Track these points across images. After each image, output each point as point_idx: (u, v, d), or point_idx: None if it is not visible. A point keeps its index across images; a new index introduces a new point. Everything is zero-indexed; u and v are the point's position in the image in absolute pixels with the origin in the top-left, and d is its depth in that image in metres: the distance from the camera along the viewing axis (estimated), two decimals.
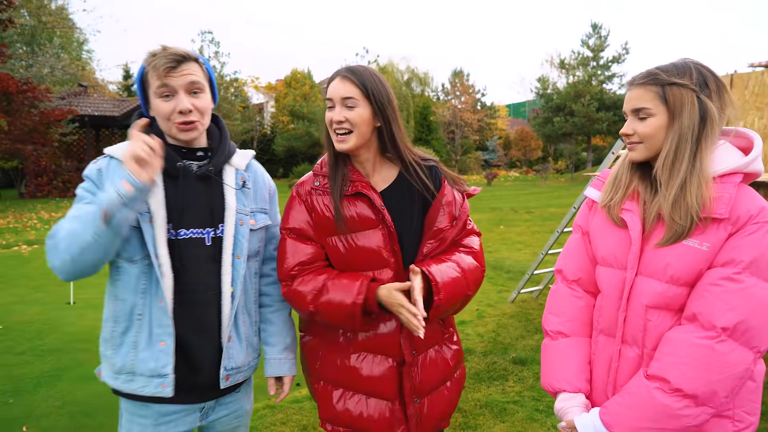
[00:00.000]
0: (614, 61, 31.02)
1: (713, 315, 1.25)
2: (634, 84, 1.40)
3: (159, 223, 1.50)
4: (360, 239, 1.58)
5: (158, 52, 1.52)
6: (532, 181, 29.00)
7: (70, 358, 4.05)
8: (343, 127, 1.57)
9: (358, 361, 1.62)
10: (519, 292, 5.58)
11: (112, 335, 1.56)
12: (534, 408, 3.24)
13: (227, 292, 1.60)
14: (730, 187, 1.29)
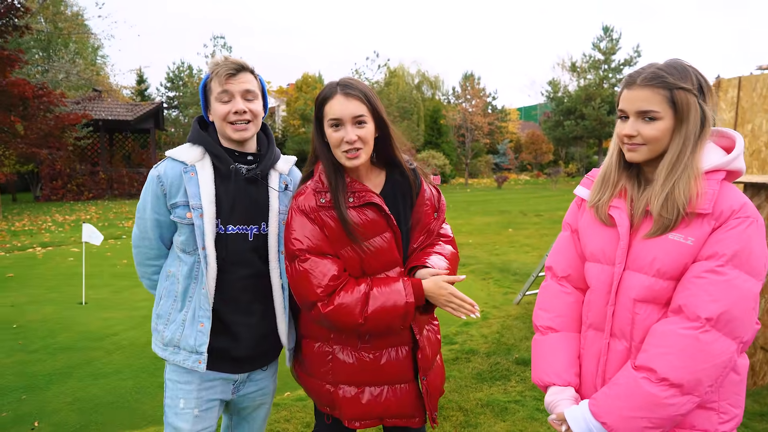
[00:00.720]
0: (626, 64, 30.85)
1: (697, 306, 1.28)
2: (638, 84, 1.38)
3: (208, 219, 1.70)
4: (374, 245, 1.65)
5: (221, 61, 1.73)
6: (542, 184, 28.87)
7: (81, 356, 4.15)
8: (356, 146, 1.59)
9: (381, 357, 1.71)
10: (524, 294, 5.59)
11: (169, 311, 1.78)
12: (535, 407, 3.26)
13: (277, 284, 1.81)
14: (713, 183, 1.33)
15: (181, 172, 1.74)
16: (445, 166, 29.72)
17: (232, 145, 1.80)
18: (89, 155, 21.92)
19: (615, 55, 31.02)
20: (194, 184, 1.72)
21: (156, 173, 1.76)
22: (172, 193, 1.73)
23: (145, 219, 1.79)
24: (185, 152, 1.77)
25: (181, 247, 1.75)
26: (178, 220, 1.74)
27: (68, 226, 12.48)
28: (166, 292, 1.80)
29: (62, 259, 8.40)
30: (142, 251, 1.86)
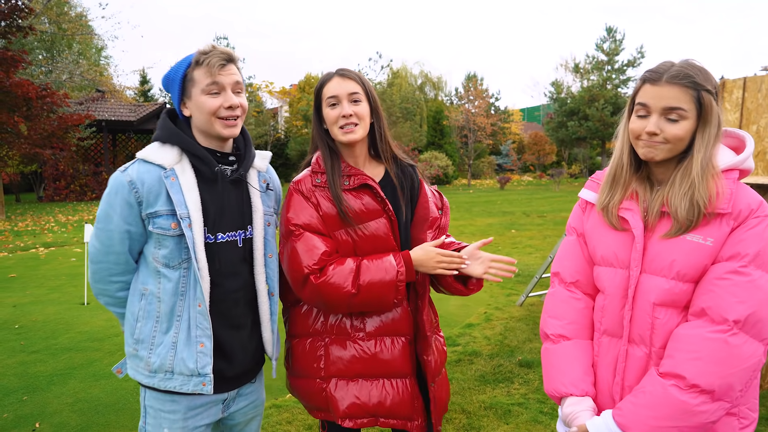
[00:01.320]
0: (629, 65, 30.75)
1: (723, 308, 1.25)
2: (665, 81, 1.33)
3: (197, 228, 1.55)
4: (368, 229, 1.67)
5: (209, 50, 1.56)
6: (545, 185, 28.82)
7: (82, 357, 4.14)
8: (352, 120, 1.67)
9: (376, 346, 1.69)
10: (527, 296, 5.56)
11: (151, 334, 1.60)
12: (539, 410, 3.23)
13: (263, 291, 1.71)
14: (729, 182, 1.33)
15: (161, 177, 1.55)
16: (448, 167, 29.68)
17: (212, 144, 1.64)
18: (92, 156, 21.99)
19: (618, 56, 30.92)
20: (177, 191, 1.55)
21: (126, 178, 1.54)
22: (150, 202, 1.54)
23: (110, 231, 1.57)
24: (160, 154, 1.59)
25: (164, 261, 1.57)
26: (160, 232, 1.55)
27: (71, 227, 12.51)
28: (144, 314, 1.60)
29: (65, 260, 8.41)
30: (104, 267, 1.63)
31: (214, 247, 1.61)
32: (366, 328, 1.70)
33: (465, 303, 5.73)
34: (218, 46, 1.59)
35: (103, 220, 1.59)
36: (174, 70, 1.61)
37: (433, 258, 1.66)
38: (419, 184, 1.83)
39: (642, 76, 1.40)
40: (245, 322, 1.70)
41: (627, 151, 1.46)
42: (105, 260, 1.62)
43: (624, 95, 30.34)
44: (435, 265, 1.66)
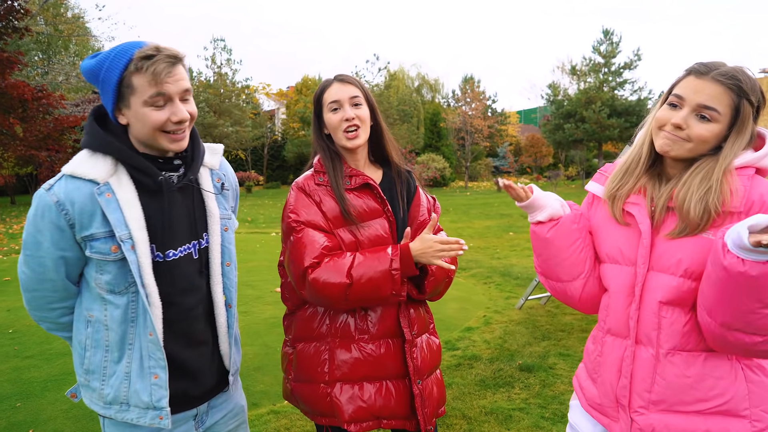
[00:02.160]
0: (626, 67, 30.84)
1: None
2: (711, 77, 1.27)
3: (142, 250, 1.37)
4: (369, 228, 1.69)
5: (153, 53, 1.32)
6: (542, 187, 28.79)
7: None
8: (354, 124, 1.69)
9: (380, 348, 1.69)
10: (527, 299, 5.53)
11: (102, 365, 1.45)
12: (540, 415, 3.20)
13: (220, 302, 1.56)
14: (744, 179, 1.28)
15: (93, 194, 1.35)
16: (445, 169, 29.69)
17: (152, 150, 1.43)
18: None
19: (615, 58, 30.99)
20: (115, 209, 1.35)
21: (53, 198, 1.34)
22: (83, 224, 1.35)
23: (41, 257, 1.38)
24: (90, 166, 1.37)
25: (108, 287, 1.40)
26: (99, 257, 1.37)
27: None
28: (92, 342, 1.45)
29: None
30: (40, 295, 1.45)
31: (164, 266, 1.43)
32: (370, 329, 1.69)
33: (464, 306, 5.70)
34: (162, 45, 1.35)
35: (31, 246, 1.39)
36: (106, 69, 1.34)
37: (432, 246, 1.62)
38: (415, 188, 1.86)
39: (689, 68, 1.33)
40: (206, 337, 1.56)
41: (648, 142, 1.41)
42: (40, 288, 1.45)
43: (621, 97, 30.44)
44: (435, 253, 1.62)
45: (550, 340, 4.55)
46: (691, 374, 1.30)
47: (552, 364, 4.01)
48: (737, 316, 1.18)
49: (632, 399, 1.37)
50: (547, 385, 3.65)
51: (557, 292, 1.56)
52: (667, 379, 1.32)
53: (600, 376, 1.46)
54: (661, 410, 1.34)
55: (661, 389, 1.33)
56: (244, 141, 28.96)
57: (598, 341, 1.49)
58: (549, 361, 4.08)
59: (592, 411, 1.51)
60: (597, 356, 1.48)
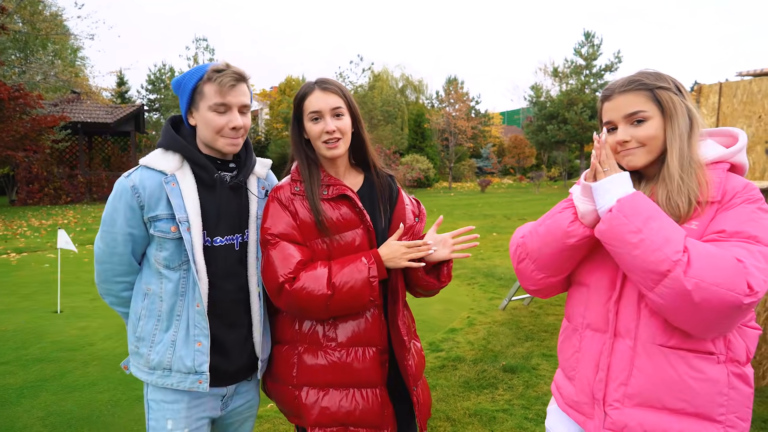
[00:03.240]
0: (607, 69, 31.24)
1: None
2: (616, 92, 1.39)
3: (196, 232, 1.62)
4: (344, 239, 1.68)
5: (223, 68, 1.61)
6: (525, 188, 29.08)
7: (54, 368, 4.00)
8: (335, 136, 1.67)
9: (347, 356, 1.68)
10: (510, 300, 5.56)
11: (152, 332, 1.66)
12: (523, 416, 3.21)
13: (255, 293, 1.75)
14: (719, 172, 1.34)
15: (162, 183, 1.62)
16: (429, 170, 29.75)
17: (213, 152, 1.71)
18: (67, 158, 21.50)
19: (596, 60, 31.39)
20: (177, 195, 1.62)
21: (130, 183, 1.62)
22: (151, 206, 1.62)
23: (114, 233, 1.65)
24: (161, 160, 1.66)
25: (164, 263, 1.64)
26: (160, 235, 1.62)
27: (44, 231, 12.19)
28: (147, 312, 1.68)
29: (37, 266, 8.18)
30: (109, 267, 1.71)
31: (212, 251, 1.66)
32: (338, 337, 1.69)
33: (447, 308, 5.71)
34: (232, 64, 1.64)
35: (108, 222, 1.66)
36: (187, 78, 1.66)
37: (398, 250, 1.66)
38: (397, 192, 1.85)
39: (599, 99, 1.45)
40: (241, 322, 1.74)
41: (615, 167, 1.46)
42: (109, 261, 1.69)
43: None
44: (402, 256, 1.66)
45: (534, 341, 4.58)
46: (672, 372, 1.30)
47: (535, 365, 4.03)
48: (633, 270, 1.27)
49: (607, 392, 1.38)
50: (531, 386, 3.66)
51: (526, 276, 1.53)
52: (645, 372, 1.32)
53: (577, 373, 1.47)
54: (635, 404, 1.34)
55: (638, 382, 1.33)
56: None
57: (574, 338, 1.50)
58: (532, 361, 4.10)
59: (569, 410, 1.51)
60: (574, 353, 1.49)
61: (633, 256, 1.24)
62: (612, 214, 1.28)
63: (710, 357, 1.30)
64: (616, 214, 1.27)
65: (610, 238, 1.29)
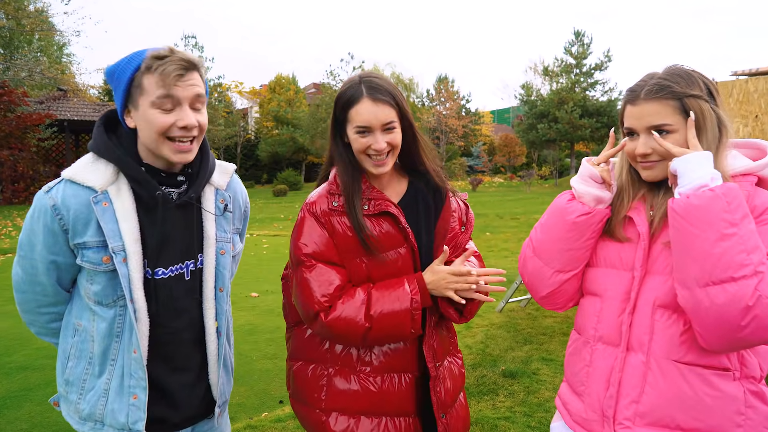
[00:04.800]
0: (597, 68, 31.36)
1: None
2: (642, 98, 1.29)
3: (134, 263, 1.34)
4: (387, 258, 1.52)
5: (165, 54, 1.30)
6: (516, 187, 29.13)
7: (39, 377, 3.86)
8: (384, 152, 1.49)
9: (383, 383, 1.54)
10: (507, 302, 5.49)
11: (82, 378, 1.42)
12: (526, 424, 3.13)
13: (211, 329, 1.49)
14: (747, 185, 1.26)
15: (90, 202, 1.32)
16: None
17: (158, 162, 1.39)
18: (54, 157, 21.18)
19: (586, 59, 31.48)
20: (111, 219, 1.32)
21: (49, 202, 1.33)
22: (77, 230, 1.33)
23: (34, 260, 1.38)
24: (91, 173, 1.34)
25: (96, 298, 1.37)
26: (89, 266, 1.35)
27: None
28: (76, 352, 1.42)
29: None
30: (31, 297, 1.44)
31: (153, 284, 1.39)
32: (373, 362, 1.55)
33: None
34: (177, 49, 1.33)
35: (25, 247, 1.39)
36: (121, 68, 1.33)
37: (443, 278, 1.48)
38: (445, 196, 1.64)
39: (623, 98, 1.35)
40: (191, 364, 1.50)
41: (626, 170, 1.41)
42: (31, 290, 1.44)
43: (592, 98, 30.94)
44: (446, 285, 1.48)
45: (532, 344, 4.51)
46: (687, 389, 1.24)
47: (535, 370, 3.95)
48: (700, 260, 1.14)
49: (618, 410, 1.31)
50: (532, 392, 3.59)
51: (536, 276, 1.46)
52: (658, 389, 1.26)
53: (587, 388, 1.39)
54: (647, 423, 1.27)
55: (650, 400, 1.26)
56: (217, 140, 28.47)
57: (585, 351, 1.42)
58: (532, 366, 4.02)
59: (577, 427, 1.43)
60: (585, 366, 1.41)
61: (714, 245, 1.12)
62: (714, 193, 1.13)
63: (726, 373, 1.23)
64: (719, 195, 1.13)
65: (697, 215, 1.14)
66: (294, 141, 30.27)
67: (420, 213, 1.60)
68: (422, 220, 1.60)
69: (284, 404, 3.36)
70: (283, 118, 30.63)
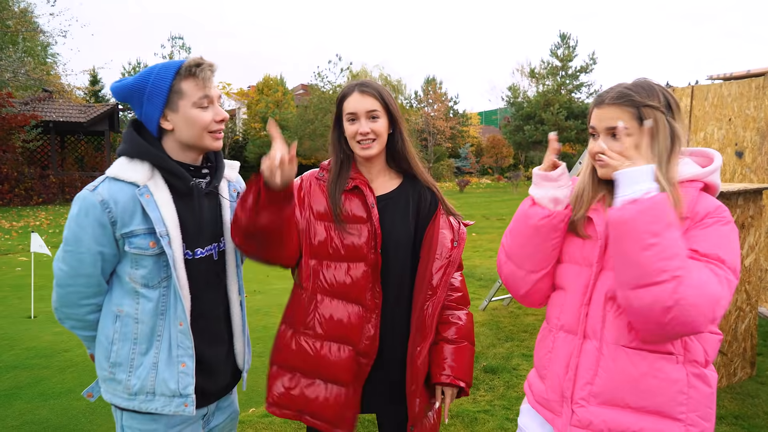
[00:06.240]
0: (582, 71, 31.75)
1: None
2: (605, 102, 1.42)
3: (177, 245, 1.53)
4: (347, 231, 1.70)
5: (200, 62, 1.54)
6: (503, 188, 29.35)
7: (29, 375, 3.91)
8: (369, 137, 1.71)
9: (321, 348, 1.69)
10: (490, 300, 5.62)
11: (129, 357, 1.56)
12: (504, 417, 3.25)
13: (235, 301, 1.72)
14: (691, 191, 1.38)
15: (135, 195, 1.50)
16: None
17: (187, 158, 1.61)
18: (39, 158, 20.96)
19: (572, 61, 31.87)
20: (154, 208, 1.51)
21: (98, 198, 1.48)
22: (125, 221, 1.50)
23: (80, 254, 1.51)
24: (131, 170, 1.53)
25: (142, 281, 1.54)
26: (137, 252, 1.52)
27: (15, 233, 11.88)
28: (120, 336, 1.56)
29: (9, 269, 7.97)
30: (73, 290, 1.56)
31: (192, 264, 1.60)
32: (316, 328, 1.71)
33: None
34: (205, 58, 1.57)
35: (72, 242, 1.51)
36: (154, 79, 1.52)
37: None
38: (435, 209, 1.80)
39: (592, 101, 1.49)
40: (223, 336, 1.71)
41: (590, 169, 1.53)
42: (74, 283, 1.55)
43: (577, 100, 31.30)
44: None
45: (514, 341, 4.63)
46: (634, 371, 1.36)
47: (516, 365, 4.08)
48: (629, 266, 1.28)
49: (575, 391, 1.43)
50: (511, 387, 3.71)
51: (511, 277, 1.58)
52: (609, 372, 1.38)
53: (549, 372, 1.52)
54: (600, 403, 1.39)
55: (603, 382, 1.39)
56: None
57: (549, 338, 1.55)
58: (513, 362, 4.15)
59: (539, 407, 1.57)
60: (547, 352, 1.54)
61: (638, 253, 1.24)
62: (639, 207, 1.25)
63: (670, 357, 1.36)
64: (644, 210, 1.25)
65: (624, 228, 1.27)
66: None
67: (401, 210, 1.77)
68: (401, 216, 1.76)
69: None
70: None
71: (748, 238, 3.71)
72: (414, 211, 1.78)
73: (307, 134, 28.30)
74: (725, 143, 5.93)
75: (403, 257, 1.74)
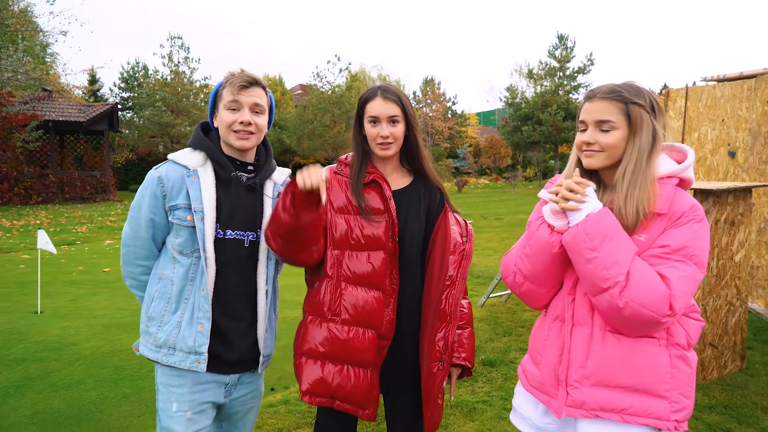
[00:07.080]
0: (580, 71, 31.88)
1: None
2: (597, 97, 1.53)
3: (209, 223, 1.77)
4: (367, 222, 1.83)
5: (237, 72, 1.82)
6: (501, 188, 29.46)
7: (39, 368, 4.01)
8: (388, 141, 1.86)
9: (349, 332, 1.81)
10: (488, 297, 5.72)
11: (162, 313, 1.81)
12: (502, 407, 3.36)
13: (262, 290, 1.89)
14: (668, 187, 1.49)
15: (184, 176, 1.80)
16: None
17: (234, 153, 1.88)
18: (38, 157, 21.02)
19: (569, 62, 32.02)
20: (196, 188, 1.78)
21: (157, 174, 1.81)
22: (172, 195, 1.79)
23: (139, 218, 1.82)
24: (187, 157, 1.84)
25: (179, 249, 1.80)
26: (177, 222, 1.79)
27: (16, 232, 11.94)
28: (159, 294, 1.83)
29: (12, 267, 8.05)
30: (132, 250, 1.87)
31: (222, 242, 1.81)
32: (342, 314, 1.82)
33: None
34: (246, 70, 1.83)
35: (135, 208, 1.84)
36: (215, 87, 1.88)
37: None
38: (442, 207, 1.95)
39: (583, 96, 1.60)
40: (244, 315, 1.87)
41: (575, 160, 1.64)
42: (132, 244, 1.86)
43: (575, 101, 31.42)
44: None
45: (511, 336, 4.74)
46: (621, 353, 1.49)
47: (513, 359, 4.19)
48: (583, 277, 1.48)
49: (569, 374, 1.55)
50: (509, 379, 3.82)
51: (530, 295, 1.67)
52: (600, 355, 1.51)
53: (544, 357, 1.64)
54: (592, 384, 1.51)
55: (594, 364, 1.51)
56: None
57: (544, 327, 1.67)
58: (510, 356, 4.26)
59: (534, 390, 1.68)
60: (542, 340, 1.66)
61: (585, 268, 1.45)
62: (577, 230, 1.46)
63: (653, 341, 1.49)
64: (579, 231, 1.45)
65: (570, 249, 1.49)
66: (281, 142, 30.34)
67: (413, 204, 1.92)
68: (413, 209, 1.91)
69: (275, 392, 3.55)
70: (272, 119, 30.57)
71: (738, 235, 3.82)
72: (425, 207, 1.92)
73: (306, 134, 28.39)
74: (718, 143, 6.05)
75: (416, 247, 1.89)
